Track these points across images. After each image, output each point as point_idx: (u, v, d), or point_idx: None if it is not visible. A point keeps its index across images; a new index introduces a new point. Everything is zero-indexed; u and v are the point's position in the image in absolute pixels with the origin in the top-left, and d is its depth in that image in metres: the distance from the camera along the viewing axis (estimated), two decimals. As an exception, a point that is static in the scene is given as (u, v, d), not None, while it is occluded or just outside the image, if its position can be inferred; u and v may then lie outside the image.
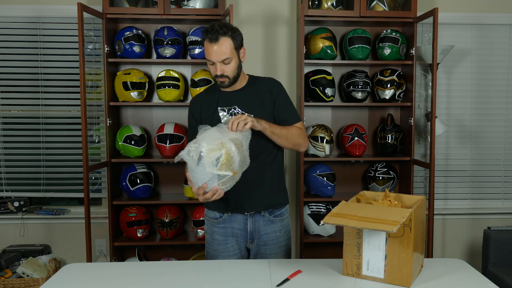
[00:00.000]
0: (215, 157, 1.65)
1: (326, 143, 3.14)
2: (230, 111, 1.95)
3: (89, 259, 2.84)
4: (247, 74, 2.05)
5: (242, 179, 1.90)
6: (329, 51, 3.13)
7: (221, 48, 1.84)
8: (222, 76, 1.89)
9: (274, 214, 2.04)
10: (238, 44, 1.90)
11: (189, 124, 2.08)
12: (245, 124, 1.72)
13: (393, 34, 3.17)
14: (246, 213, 2.01)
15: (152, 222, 3.24)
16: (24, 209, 3.42)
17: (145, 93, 3.12)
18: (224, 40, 1.84)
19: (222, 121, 1.92)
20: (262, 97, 1.97)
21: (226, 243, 2.03)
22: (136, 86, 3.05)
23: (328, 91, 3.15)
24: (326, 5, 3.13)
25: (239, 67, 1.94)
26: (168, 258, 3.27)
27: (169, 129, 3.08)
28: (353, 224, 1.52)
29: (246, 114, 1.79)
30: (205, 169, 1.66)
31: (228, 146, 1.67)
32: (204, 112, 2.00)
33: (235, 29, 1.89)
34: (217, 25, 1.85)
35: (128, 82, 3.03)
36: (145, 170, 3.12)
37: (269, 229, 2.04)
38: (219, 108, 1.97)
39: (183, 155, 1.69)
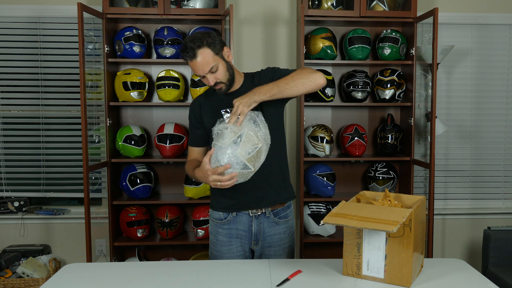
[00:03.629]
0: (251, 145, 1.68)
1: (326, 143, 3.14)
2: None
3: (89, 259, 2.84)
4: (243, 73, 2.04)
5: None
6: (329, 51, 3.14)
7: (203, 60, 1.82)
8: (216, 84, 1.89)
9: (279, 216, 2.04)
10: (218, 48, 1.86)
11: (191, 126, 2.07)
12: (241, 114, 1.73)
13: (393, 34, 3.17)
14: (251, 214, 2.00)
15: (152, 222, 3.24)
16: (24, 209, 3.42)
17: (145, 93, 3.12)
18: (201, 52, 1.82)
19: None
20: None
21: (230, 244, 2.03)
22: (136, 86, 3.05)
23: (328, 91, 3.15)
24: (326, 5, 3.13)
25: (230, 68, 1.91)
26: (168, 258, 3.27)
27: (169, 129, 3.08)
28: (353, 224, 1.52)
29: (234, 103, 1.77)
30: (236, 151, 1.66)
31: (262, 144, 1.71)
32: (205, 115, 1.99)
33: (208, 35, 1.85)
34: (189, 41, 1.82)
35: (128, 82, 3.03)
36: (145, 170, 3.12)
37: (274, 230, 2.03)
38: (222, 111, 1.96)
39: (222, 126, 1.72)
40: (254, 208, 1.99)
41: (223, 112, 1.96)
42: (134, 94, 3.04)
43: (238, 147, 1.67)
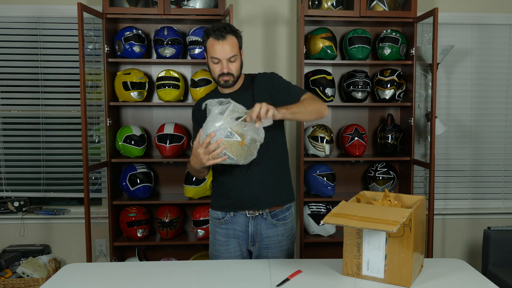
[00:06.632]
0: (236, 116, 1.70)
1: (326, 143, 3.14)
2: None
3: (89, 259, 2.84)
4: (243, 74, 2.05)
5: (243, 174, 1.89)
6: (329, 51, 3.14)
7: (230, 45, 1.87)
8: (228, 74, 1.90)
9: (277, 218, 2.03)
10: (241, 44, 1.94)
11: (194, 128, 2.10)
12: (267, 112, 1.69)
13: (393, 34, 3.17)
14: (248, 215, 2.00)
15: (152, 222, 3.24)
16: (24, 209, 3.42)
17: (145, 93, 3.12)
18: (231, 38, 1.88)
19: None
20: (259, 93, 1.96)
21: (227, 244, 2.03)
22: (136, 86, 3.05)
23: (328, 91, 3.15)
24: (326, 5, 3.13)
25: (241, 67, 1.96)
26: (168, 258, 3.27)
27: (169, 129, 3.08)
28: (353, 224, 1.52)
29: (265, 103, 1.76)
30: (221, 120, 1.69)
31: (249, 120, 1.72)
32: (205, 115, 1.99)
33: (238, 30, 1.94)
34: (223, 23, 1.89)
35: (128, 82, 3.03)
36: (145, 170, 3.12)
37: (271, 232, 2.03)
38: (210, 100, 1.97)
39: (213, 102, 1.76)
40: (250, 208, 1.99)
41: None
42: (134, 94, 3.04)
43: (222, 116, 1.70)
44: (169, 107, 3.31)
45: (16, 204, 3.39)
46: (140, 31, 3.08)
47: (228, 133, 1.69)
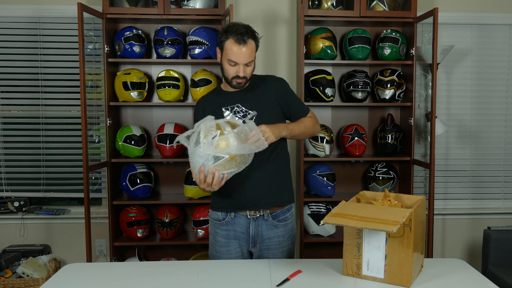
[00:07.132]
0: (210, 137, 1.68)
1: (326, 143, 3.14)
2: (233, 109, 1.96)
3: (89, 259, 2.84)
4: None
5: (243, 174, 1.90)
6: (329, 51, 3.14)
7: (250, 50, 1.88)
8: (243, 77, 1.90)
9: (278, 219, 2.03)
10: (257, 47, 1.94)
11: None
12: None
13: (393, 34, 3.17)
14: (249, 216, 2.00)
15: (152, 222, 3.24)
16: (24, 209, 3.42)
17: (145, 93, 3.12)
18: (251, 42, 1.88)
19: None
20: (265, 95, 1.98)
21: (228, 245, 2.03)
22: (136, 86, 3.05)
23: (328, 91, 3.15)
24: (326, 5, 3.13)
25: (254, 69, 1.98)
26: (168, 258, 3.27)
27: (169, 129, 3.08)
28: (353, 224, 1.52)
29: (264, 128, 1.78)
30: (200, 149, 1.68)
31: (224, 128, 1.69)
32: (207, 112, 2.00)
33: (256, 33, 1.94)
34: (245, 26, 1.88)
35: (128, 82, 3.03)
36: (145, 170, 3.12)
37: (272, 233, 2.03)
38: (223, 108, 1.98)
39: (181, 138, 1.73)
40: (251, 209, 1.99)
41: (223, 110, 1.97)
42: (134, 94, 3.04)
43: (199, 145, 1.68)
44: (169, 107, 3.31)
45: (16, 204, 3.39)
46: (140, 31, 3.08)
47: (215, 158, 1.67)
